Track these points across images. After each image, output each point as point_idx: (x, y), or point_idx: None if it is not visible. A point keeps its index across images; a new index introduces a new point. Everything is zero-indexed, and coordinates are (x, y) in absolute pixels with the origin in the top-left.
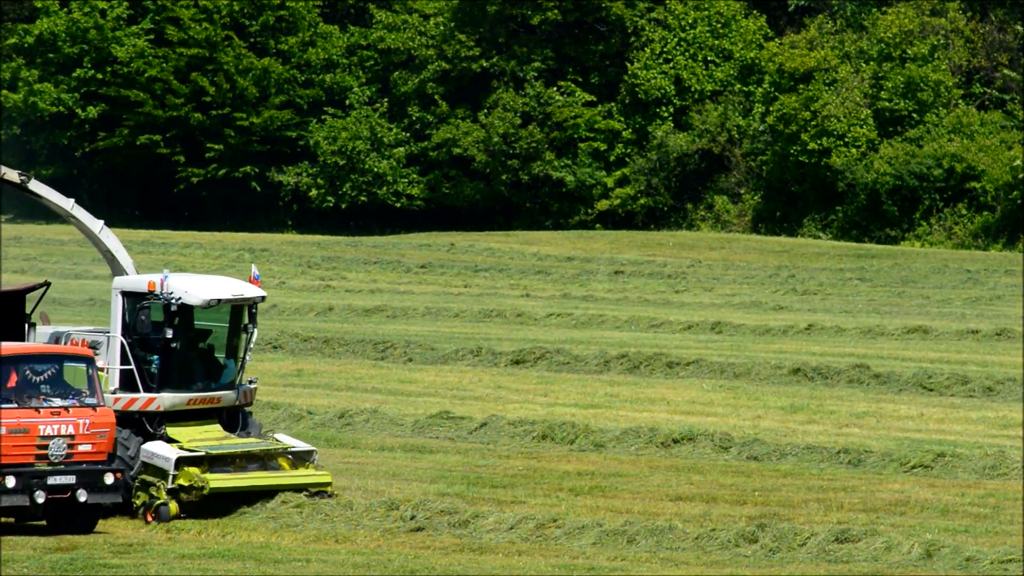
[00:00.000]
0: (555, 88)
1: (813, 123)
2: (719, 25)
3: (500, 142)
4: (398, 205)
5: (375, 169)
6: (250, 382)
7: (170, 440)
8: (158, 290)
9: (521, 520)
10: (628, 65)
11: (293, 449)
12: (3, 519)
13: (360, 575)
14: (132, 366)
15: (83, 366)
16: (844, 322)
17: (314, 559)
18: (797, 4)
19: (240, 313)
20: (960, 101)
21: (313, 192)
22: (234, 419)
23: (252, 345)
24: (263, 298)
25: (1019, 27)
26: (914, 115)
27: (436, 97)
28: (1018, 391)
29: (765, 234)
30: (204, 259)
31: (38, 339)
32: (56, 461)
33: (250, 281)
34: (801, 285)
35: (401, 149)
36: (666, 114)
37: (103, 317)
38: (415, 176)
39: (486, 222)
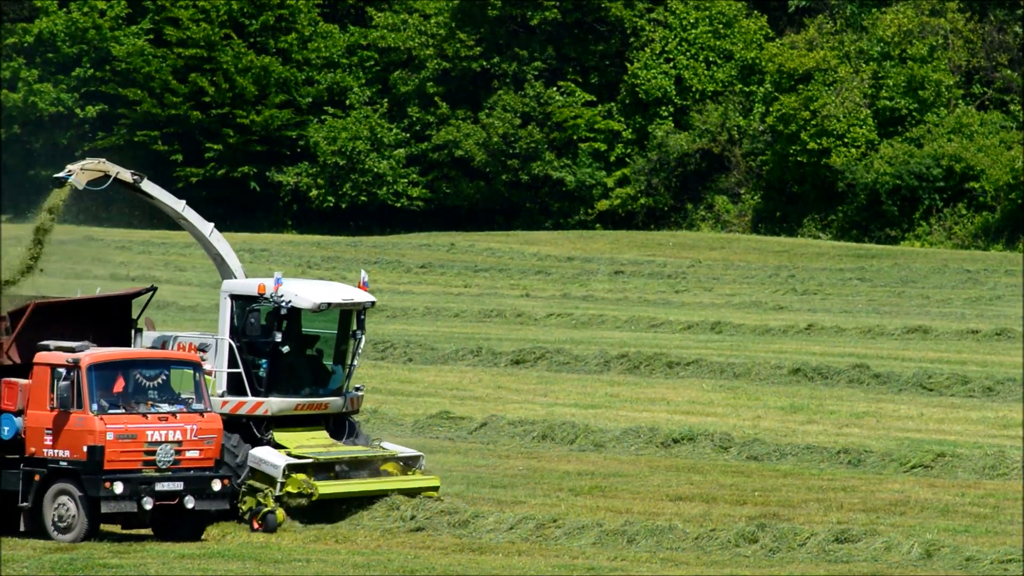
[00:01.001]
0: (555, 88)
1: (813, 123)
2: (720, 25)
3: (500, 142)
4: (398, 205)
5: (375, 169)
6: (356, 389)
7: (277, 446)
8: (268, 293)
9: (521, 520)
10: (628, 65)
11: (400, 455)
12: (109, 526)
13: (360, 575)
14: (240, 370)
15: (191, 371)
16: (844, 322)
17: (314, 559)
18: (797, 5)
19: (349, 318)
20: (960, 101)
21: (313, 192)
22: (340, 426)
23: (360, 351)
24: (373, 303)
25: (1018, 28)
26: (914, 115)
27: (436, 99)
28: (1018, 391)
29: (765, 234)
30: (204, 259)
31: (144, 344)
32: (163, 467)
33: (359, 286)
34: (801, 285)
35: (402, 151)
36: (666, 114)
37: None
38: (415, 176)
39: (486, 222)
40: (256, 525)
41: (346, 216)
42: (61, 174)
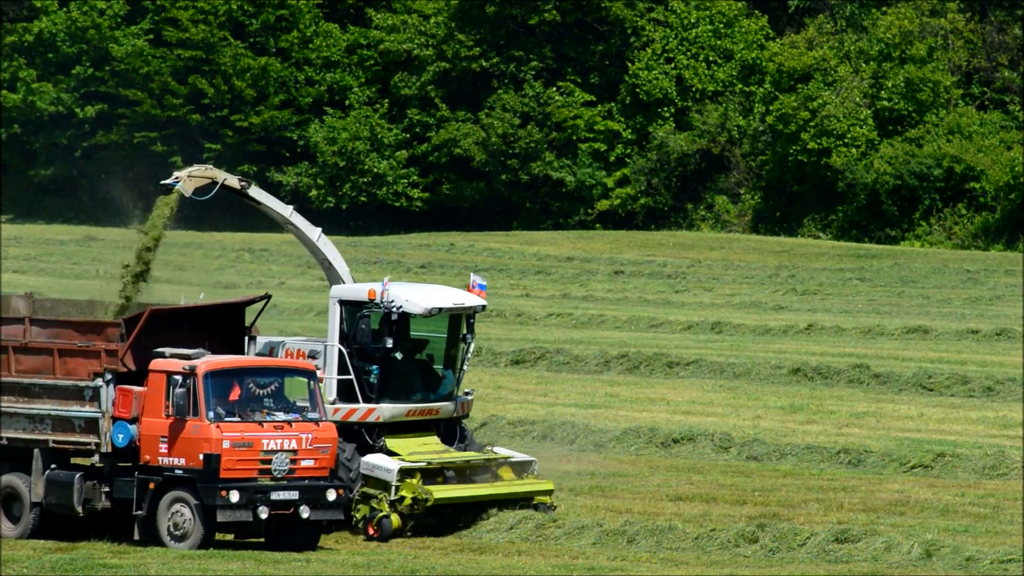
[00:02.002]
0: (554, 88)
1: (813, 123)
2: (721, 25)
3: (500, 142)
4: (397, 205)
5: (375, 169)
6: (466, 394)
7: (390, 452)
8: (378, 299)
9: (521, 520)
10: (629, 65)
11: (512, 460)
12: (223, 535)
13: (360, 575)
14: (351, 376)
15: (305, 380)
16: (844, 322)
17: (314, 559)
18: (797, 5)
19: (459, 323)
20: (960, 101)
21: (313, 192)
22: (451, 431)
23: (469, 356)
24: (483, 307)
25: (1018, 29)
26: (914, 115)
27: (436, 100)
28: (1018, 391)
29: (765, 234)
30: (204, 259)
31: (255, 351)
32: (279, 476)
33: (468, 290)
34: (801, 285)
35: (403, 152)
36: (667, 114)
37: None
38: (415, 177)
39: (486, 222)
40: (371, 531)
41: (346, 216)
42: (168, 181)
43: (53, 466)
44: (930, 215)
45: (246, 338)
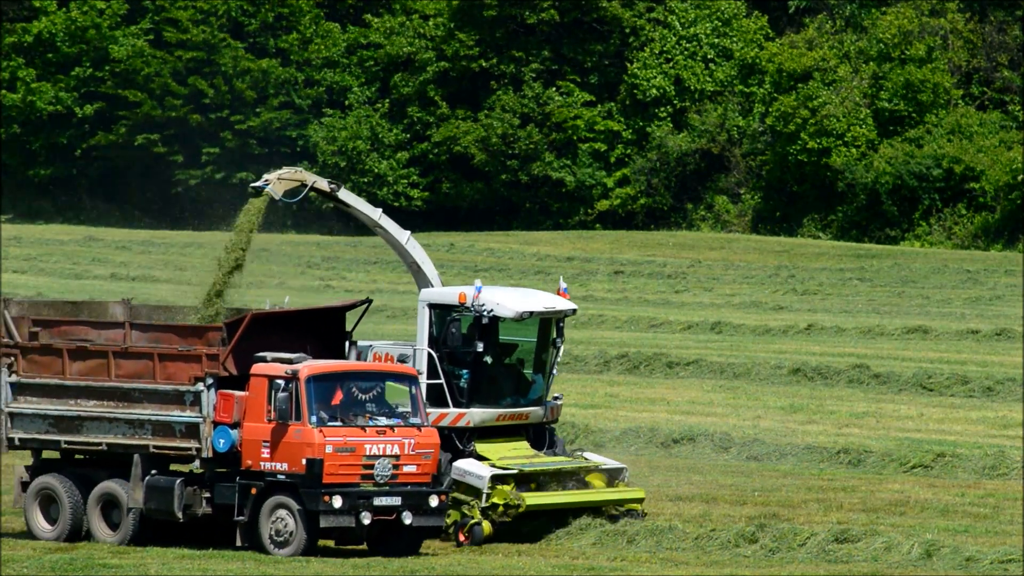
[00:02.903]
0: (554, 88)
1: (812, 123)
2: (720, 24)
3: (499, 143)
4: (397, 205)
5: (375, 169)
6: (555, 398)
7: (480, 457)
8: (469, 302)
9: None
10: (628, 65)
11: (604, 466)
12: (324, 541)
13: (360, 575)
14: (441, 380)
15: (407, 385)
16: (844, 322)
17: (314, 559)
18: (797, 5)
19: (549, 326)
20: (959, 101)
21: (313, 192)
22: (540, 436)
23: (559, 360)
24: (574, 311)
25: (1018, 30)
26: (913, 115)
27: (436, 99)
28: (1018, 391)
29: (765, 234)
30: (204, 259)
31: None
32: (381, 482)
33: (558, 293)
34: (801, 285)
35: (403, 152)
36: (664, 114)
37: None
38: (415, 177)
39: (486, 222)
40: (462, 538)
41: (346, 216)
42: (258, 183)
43: (153, 471)
44: (930, 215)
45: (347, 343)
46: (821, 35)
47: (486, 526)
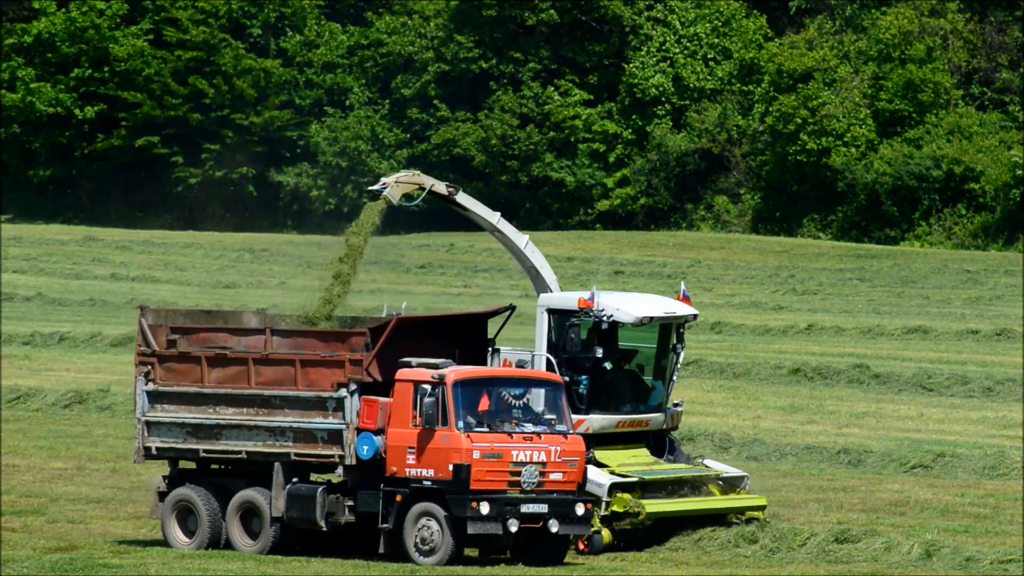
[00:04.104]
0: (553, 88)
1: (812, 123)
2: (719, 23)
3: (499, 144)
4: (397, 205)
5: (376, 170)
6: (675, 405)
7: (599, 464)
8: (590, 307)
9: None
10: (627, 65)
11: (724, 475)
12: (468, 550)
13: (360, 575)
14: None
15: (552, 391)
16: (844, 322)
17: (314, 560)
18: (798, 5)
19: (669, 332)
20: (959, 102)
21: (314, 193)
22: (660, 443)
23: (679, 366)
24: (695, 316)
25: (1018, 31)
26: (913, 116)
27: (436, 101)
28: (1018, 391)
29: (765, 234)
30: (204, 259)
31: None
32: (528, 489)
33: (678, 298)
34: (801, 285)
35: (404, 151)
36: (662, 112)
37: (103, 317)
38: None
39: None
40: (582, 546)
41: (346, 216)
42: (376, 187)
43: (294, 479)
44: (930, 215)
45: (489, 349)
46: (821, 35)
47: (606, 535)
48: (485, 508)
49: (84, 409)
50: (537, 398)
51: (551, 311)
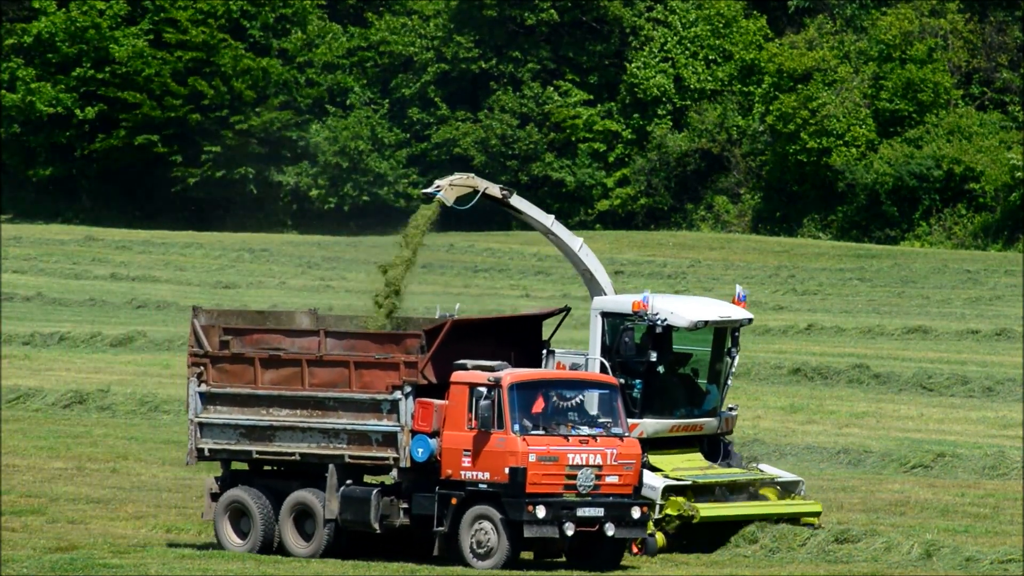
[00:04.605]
0: (553, 88)
1: (812, 123)
2: (720, 25)
3: (499, 143)
4: (398, 205)
5: (376, 169)
6: (730, 409)
7: (653, 468)
8: (642, 311)
9: None
10: (627, 65)
11: (779, 479)
12: (524, 554)
13: (361, 574)
14: None
15: (608, 394)
16: (844, 322)
17: (314, 560)
18: (797, 5)
19: (724, 336)
20: (959, 102)
21: (314, 192)
22: (714, 448)
23: (734, 370)
24: (750, 320)
25: (1018, 31)
26: (913, 116)
27: (436, 100)
28: (1018, 391)
29: (765, 234)
30: (204, 259)
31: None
32: (584, 492)
33: (734, 302)
34: (801, 285)
35: (404, 151)
36: (663, 112)
37: (103, 318)
38: (415, 176)
39: (486, 222)
40: (635, 550)
41: (346, 216)
42: (429, 190)
43: (348, 482)
44: (930, 215)
45: (544, 351)
46: (821, 35)
47: (659, 538)
48: (541, 512)
49: (84, 409)
50: (593, 400)
51: (605, 314)
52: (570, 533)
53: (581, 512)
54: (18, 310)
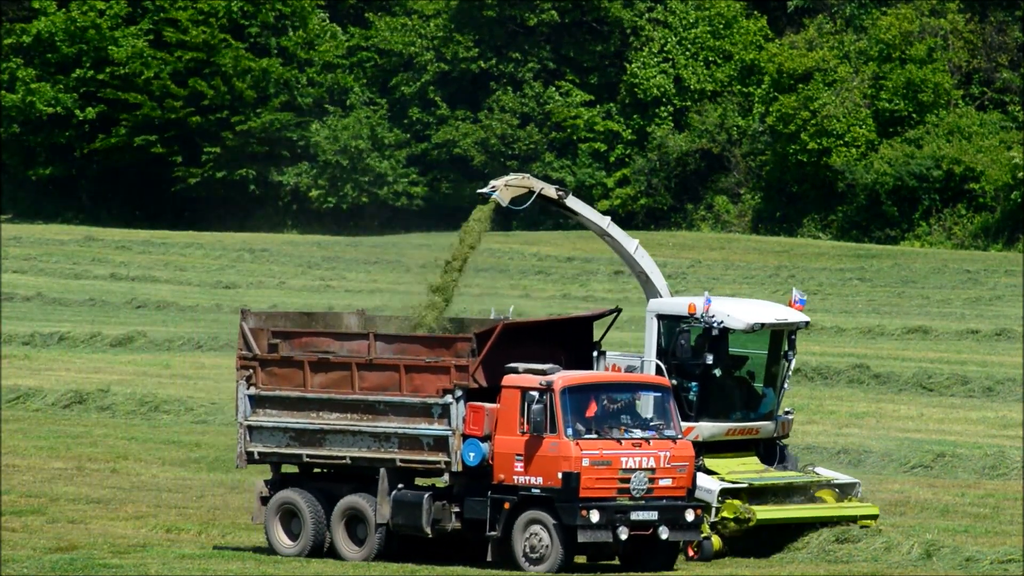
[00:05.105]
0: (553, 88)
1: (812, 123)
2: (720, 26)
3: (499, 144)
4: (397, 204)
5: (376, 169)
6: (786, 413)
7: (709, 472)
8: (699, 313)
9: None
10: (627, 65)
11: (836, 481)
12: (577, 558)
13: (360, 574)
14: None
15: (661, 396)
16: (844, 322)
17: (314, 559)
18: (797, 5)
19: (780, 339)
20: (960, 102)
21: (314, 192)
22: (770, 452)
23: (790, 373)
24: (807, 323)
25: (1018, 31)
26: (913, 116)
27: (436, 100)
28: (1018, 391)
29: (765, 234)
30: (204, 259)
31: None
32: (637, 496)
33: (790, 304)
34: (801, 285)
35: (404, 151)
36: (665, 114)
37: (103, 317)
38: (415, 176)
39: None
40: (691, 553)
41: (346, 216)
42: (485, 190)
43: (400, 486)
44: (930, 215)
45: (595, 353)
46: (821, 35)
47: (715, 541)
48: (595, 516)
49: (84, 409)
50: (645, 403)
51: (661, 317)
52: (624, 537)
53: (635, 516)
54: (18, 310)
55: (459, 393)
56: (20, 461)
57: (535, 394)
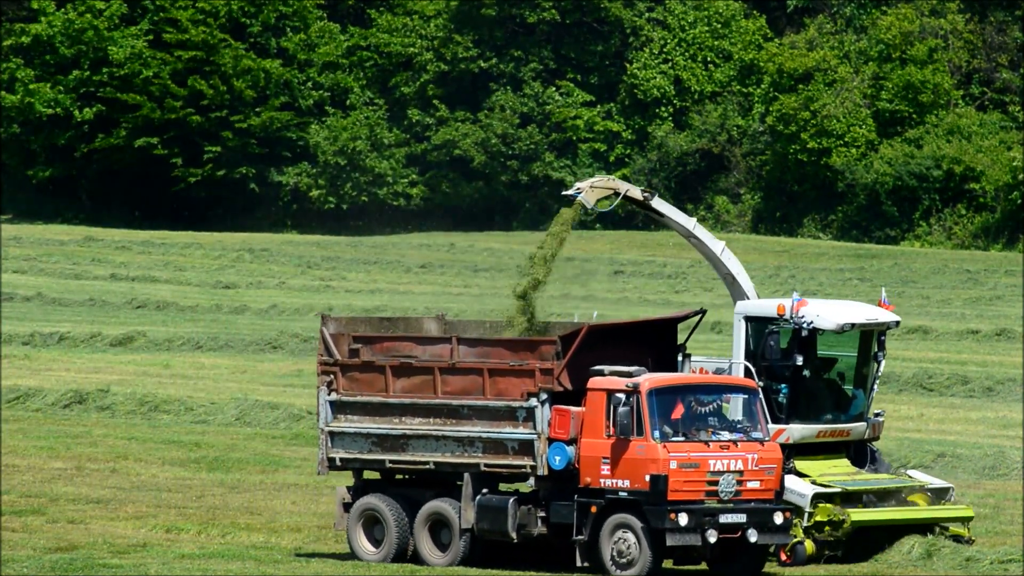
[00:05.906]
0: (554, 88)
1: (813, 123)
2: (719, 26)
3: (499, 143)
4: (397, 205)
5: (376, 169)
6: (877, 415)
7: (800, 474)
8: (787, 314)
9: None
10: (627, 65)
11: (929, 485)
12: (666, 561)
13: (360, 575)
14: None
15: (748, 397)
16: None
17: (315, 559)
18: (796, 5)
19: (870, 339)
20: (959, 102)
21: (314, 192)
22: (861, 453)
23: (880, 374)
24: (897, 323)
25: (1018, 31)
26: (913, 116)
27: (435, 101)
28: (1018, 391)
29: (765, 234)
30: (204, 259)
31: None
32: (725, 498)
33: (879, 304)
34: (801, 285)
35: (403, 150)
36: (665, 114)
37: (103, 317)
38: (415, 176)
39: (486, 222)
40: (784, 557)
41: (346, 216)
42: (570, 192)
43: (484, 490)
44: (930, 215)
45: (680, 355)
46: (821, 35)
47: (808, 545)
48: (684, 519)
49: (84, 409)
50: (733, 404)
51: (749, 318)
52: (713, 540)
53: (724, 519)
54: (18, 310)
55: (544, 396)
56: (20, 461)
57: (621, 396)
